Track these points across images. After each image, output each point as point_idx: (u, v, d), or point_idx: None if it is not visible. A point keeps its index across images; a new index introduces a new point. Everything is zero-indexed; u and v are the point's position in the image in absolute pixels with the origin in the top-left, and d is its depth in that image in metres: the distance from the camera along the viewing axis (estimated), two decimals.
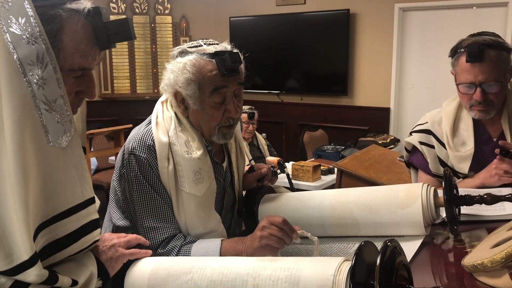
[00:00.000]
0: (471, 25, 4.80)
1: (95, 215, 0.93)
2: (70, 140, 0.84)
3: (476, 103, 1.55)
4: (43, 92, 0.78)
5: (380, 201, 1.25)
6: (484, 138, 1.64)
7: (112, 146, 4.59)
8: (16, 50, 0.76)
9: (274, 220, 1.13)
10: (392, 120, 5.40)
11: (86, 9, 0.84)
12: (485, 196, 1.25)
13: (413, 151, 1.79)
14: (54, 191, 0.84)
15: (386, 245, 0.80)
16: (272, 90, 6.06)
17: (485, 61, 1.50)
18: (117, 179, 1.29)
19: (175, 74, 1.25)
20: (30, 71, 0.77)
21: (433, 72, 5.14)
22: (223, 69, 1.21)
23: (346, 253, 1.23)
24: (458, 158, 1.63)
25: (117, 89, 6.27)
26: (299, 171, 3.67)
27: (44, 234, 0.84)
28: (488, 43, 1.51)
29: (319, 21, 5.62)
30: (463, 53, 1.55)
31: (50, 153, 0.81)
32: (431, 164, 1.70)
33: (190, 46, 1.27)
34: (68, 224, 0.88)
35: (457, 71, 1.59)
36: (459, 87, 1.59)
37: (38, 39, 0.77)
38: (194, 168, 1.24)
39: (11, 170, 0.75)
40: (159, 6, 6.37)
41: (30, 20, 0.77)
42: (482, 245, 1.08)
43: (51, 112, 0.80)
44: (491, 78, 1.51)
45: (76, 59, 0.85)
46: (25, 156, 0.77)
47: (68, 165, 0.85)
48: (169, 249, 1.21)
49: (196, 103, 1.25)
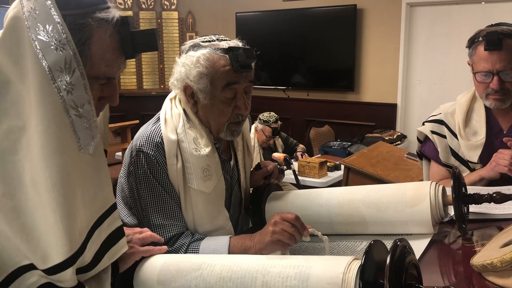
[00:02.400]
0: (479, 20, 4.76)
1: (119, 221, 0.93)
2: (96, 146, 0.84)
3: (492, 91, 1.58)
4: (72, 97, 0.79)
5: (388, 200, 1.25)
6: (496, 131, 1.66)
7: (119, 142, 4.61)
8: (45, 57, 0.77)
9: (286, 216, 1.13)
10: (399, 116, 5.38)
11: (115, 18, 0.85)
12: (494, 194, 1.25)
13: (425, 141, 1.81)
14: (90, 198, 0.85)
15: (396, 244, 0.80)
16: (278, 85, 6.05)
17: (503, 49, 1.53)
18: (124, 176, 1.30)
19: (187, 68, 1.25)
20: (58, 77, 0.78)
21: (440, 68, 5.10)
22: (236, 64, 1.21)
23: (353, 251, 1.23)
24: (469, 147, 1.65)
25: (124, 84, 6.29)
26: (306, 168, 3.67)
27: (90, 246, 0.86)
28: (507, 33, 1.54)
29: (326, 17, 5.59)
30: (481, 42, 1.57)
31: (82, 159, 0.82)
32: (441, 154, 1.72)
33: (203, 41, 1.27)
34: (101, 233, 0.89)
35: (475, 60, 1.61)
36: (476, 75, 1.60)
37: (65, 45, 0.78)
38: (202, 165, 1.24)
39: (44, 175, 0.76)
40: (166, 2, 6.36)
41: (58, 27, 0.78)
42: (491, 244, 1.08)
43: (80, 118, 0.81)
44: (509, 67, 1.53)
45: (102, 68, 0.86)
46: (60, 161, 0.77)
47: (96, 171, 0.86)
48: (177, 247, 1.22)
49: (207, 98, 1.25)
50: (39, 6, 0.78)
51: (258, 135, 4.09)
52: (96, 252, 0.88)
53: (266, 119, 4.07)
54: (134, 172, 1.25)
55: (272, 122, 4.07)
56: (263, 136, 4.08)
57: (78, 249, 0.81)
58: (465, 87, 1.83)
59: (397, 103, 5.37)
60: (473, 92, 1.71)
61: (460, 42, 1.63)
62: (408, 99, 5.39)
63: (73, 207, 0.80)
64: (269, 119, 4.07)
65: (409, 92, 5.37)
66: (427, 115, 1.85)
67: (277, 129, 4.10)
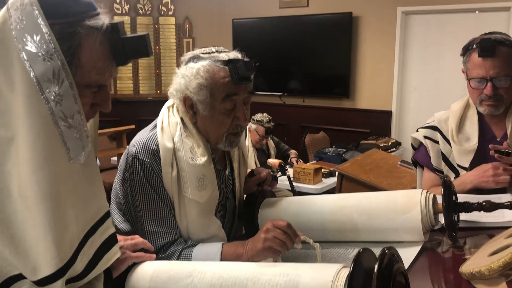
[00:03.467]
0: (473, 29, 4.79)
1: (112, 229, 0.93)
2: (87, 156, 0.84)
3: (486, 97, 1.60)
4: (61, 108, 0.78)
5: (380, 207, 1.26)
6: (488, 138, 1.68)
7: (115, 147, 4.61)
8: (32, 68, 0.76)
9: (278, 223, 1.14)
10: (393, 123, 5.40)
11: (104, 25, 0.84)
12: (484, 203, 1.26)
13: (418, 147, 1.84)
14: (81, 208, 0.84)
15: (384, 253, 0.81)
16: (274, 92, 6.07)
17: (497, 56, 1.55)
18: (119, 182, 1.30)
19: (187, 79, 1.25)
20: (47, 88, 0.77)
21: (435, 76, 5.14)
22: (236, 76, 1.22)
23: (345, 258, 1.24)
24: (461, 152, 1.67)
25: (120, 89, 6.30)
26: (300, 174, 3.68)
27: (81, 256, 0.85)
28: (500, 40, 1.57)
29: (322, 24, 5.63)
30: (475, 49, 1.60)
31: (73, 170, 0.82)
32: (433, 159, 1.74)
33: (203, 52, 1.28)
34: (94, 241, 0.88)
35: (469, 67, 1.63)
36: (470, 82, 1.63)
37: (53, 56, 0.77)
38: (198, 175, 1.25)
39: (32, 187, 0.76)
40: (163, 8, 6.39)
41: (45, 37, 0.77)
42: (480, 252, 1.09)
43: (70, 128, 0.80)
44: (502, 73, 1.56)
45: (93, 76, 0.84)
46: (49, 173, 0.77)
47: (88, 180, 0.85)
48: (170, 254, 1.22)
49: (206, 109, 1.26)
50: (26, 16, 0.77)
51: (251, 135, 4.13)
52: (88, 261, 0.88)
53: (260, 119, 4.13)
54: (129, 179, 1.25)
55: (265, 122, 4.12)
56: (257, 136, 4.13)
57: (68, 260, 0.81)
58: (459, 95, 1.86)
59: (392, 110, 5.39)
60: (466, 100, 1.73)
61: (454, 50, 1.65)
62: (403, 107, 5.42)
63: (63, 219, 0.79)
64: (263, 119, 4.13)
65: (404, 100, 5.40)
66: (422, 122, 1.87)
67: (270, 128, 4.15)
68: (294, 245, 1.14)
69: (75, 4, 0.82)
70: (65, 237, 0.80)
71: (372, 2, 5.34)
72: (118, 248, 0.95)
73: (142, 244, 1.14)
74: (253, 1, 6.16)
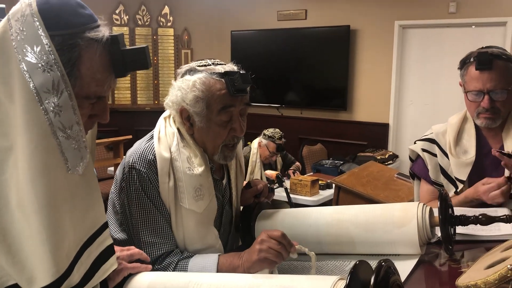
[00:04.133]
0: (470, 43, 4.83)
1: (110, 240, 0.93)
2: (86, 167, 0.83)
3: (483, 110, 1.61)
4: (60, 119, 0.78)
5: (376, 220, 1.26)
6: (486, 151, 1.69)
7: (112, 157, 4.60)
8: (32, 78, 0.76)
9: (272, 234, 1.14)
10: (391, 136, 5.42)
11: (104, 37, 0.84)
12: (480, 216, 1.27)
13: (416, 159, 1.84)
14: (79, 219, 0.84)
15: (380, 265, 0.81)
16: (272, 103, 6.09)
17: (494, 69, 1.57)
18: (116, 192, 1.30)
19: (183, 91, 1.26)
20: (46, 99, 0.77)
21: (432, 89, 5.18)
22: (232, 89, 1.23)
23: (341, 271, 1.24)
24: (459, 165, 1.68)
25: (118, 99, 6.31)
26: (298, 186, 3.68)
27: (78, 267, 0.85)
28: (497, 54, 1.59)
29: (320, 37, 5.67)
30: (472, 63, 1.62)
31: (71, 180, 0.81)
32: (431, 172, 1.74)
33: (199, 65, 1.29)
34: (91, 252, 0.88)
35: (466, 80, 1.65)
36: (467, 95, 1.64)
37: (53, 67, 0.77)
38: (195, 185, 1.25)
39: (29, 198, 0.76)
40: (162, 19, 6.43)
41: (45, 48, 0.77)
42: (477, 265, 1.09)
43: (68, 139, 0.80)
44: (499, 86, 1.57)
45: (92, 87, 0.85)
46: (47, 184, 0.77)
47: (86, 191, 0.85)
48: (166, 265, 1.22)
49: (203, 121, 1.27)
50: (27, 27, 0.77)
51: (261, 151, 4.02)
52: (85, 272, 0.87)
53: (271, 135, 4.02)
54: (126, 189, 1.25)
55: (277, 138, 4.02)
56: (267, 151, 4.02)
57: (65, 271, 0.80)
58: (457, 108, 1.87)
59: (389, 123, 5.42)
60: (464, 113, 1.75)
61: (451, 64, 1.67)
62: (400, 119, 5.44)
63: (61, 229, 0.79)
64: (274, 135, 4.02)
65: (401, 112, 5.43)
66: (419, 135, 1.87)
67: (282, 145, 4.06)
68: (290, 255, 1.14)
69: (76, 16, 0.83)
70: (62, 248, 0.80)
71: (370, 15, 5.39)
72: (115, 259, 0.94)
73: (138, 255, 1.13)
74: (252, 14, 6.21)
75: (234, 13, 6.34)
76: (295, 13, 5.90)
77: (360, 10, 5.45)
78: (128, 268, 1.07)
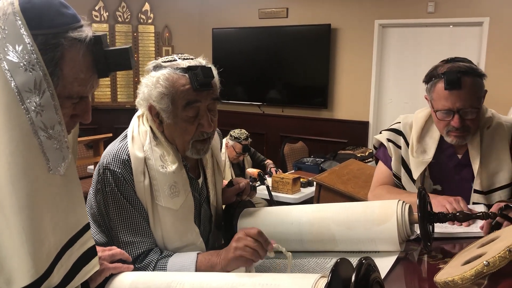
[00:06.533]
0: (447, 42, 4.94)
1: (92, 241, 0.92)
2: (67, 167, 0.83)
3: (453, 129, 1.58)
4: (41, 119, 0.77)
5: (357, 218, 1.28)
6: (449, 153, 1.69)
7: (91, 155, 4.55)
8: (13, 78, 0.75)
9: (249, 232, 1.15)
10: (370, 134, 5.49)
11: (88, 38, 0.83)
12: (457, 214, 1.30)
13: (379, 147, 1.85)
14: (60, 220, 0.83)
15: (361, 263, 0.82)
16: (253, 101, 6.10)
17: (463, 88, 1.53)
18: (93, 194, 1.29)
19: (149, 88, 1.26)
20: (28, 98, 0.76)
21: (411, 88, 5.25)
22: (195, 83, 1.23)
23: (323, 268, 1.25)
24: (414, 163, 1.68)
25: (98, 97, 6.23)
26: (279, 183, 3.70)
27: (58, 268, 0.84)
28: (464, 70, 1.54)
29: (301, 35, 5.70)
30: (440, 80, 1.57)
31: (53, 181, 0.80)
32: (393, 163, 1.74)
33: (165, 61, 1.29)
34: (72, 254, 0.87)
35: (434, 98, 1.61)
36: (436, 113, 1.61)
37: (35, 66, 0.76)
38: (169, 182, 1.25)
39: (10, 198, 0.75)
40: (142, 16, 6.37)
41: (27, 47, 0.76)
42: (454, 262, 1.12)
43: (50, 139, 0.79)
44: (468, 105, 1.54)
45: (75, 87, 0.84)
46: (28, 184, 0.76)
47: (68, 192, 0.84)
48: (146, 264, 1.22)
49: (170, 117, 1.27)
50: (9, 25, 0.76)
51: (228, 151, 4.12)
52: (66, 273, 0.86)
53: (237, 136, 4.09)
54: (102, 190, 1.25)
55: (243, 139, 4.09)
56: (234, 152, 4.11)
57: (44, 272, 0.79)
58: None
59: (369, 121, 5.49)
60: (430, 111, 1.71)
61: (429, 63, 1.66)
62: (380, 117, 5.51)
63: (41, 230, 0.78)
64: (240, 136, 4.09)
65: (380, 110, 5.50)
66: None
67: (248, 146, 4.13)
68: (267, 253, 1.15)
69: (59, 15, 0.82)
70: (42, 249, 0.79)
71: (350, 14, 5.44)
72: (97, 261, 0.93)
73: (120, 255, 1.13)
74: (233, 11, 6.20)
75: (216, 11, 6.32)
76: (277, 11, 5.92)
77: (340, 9, 5.50)
78: (110, 269, 1.07)
